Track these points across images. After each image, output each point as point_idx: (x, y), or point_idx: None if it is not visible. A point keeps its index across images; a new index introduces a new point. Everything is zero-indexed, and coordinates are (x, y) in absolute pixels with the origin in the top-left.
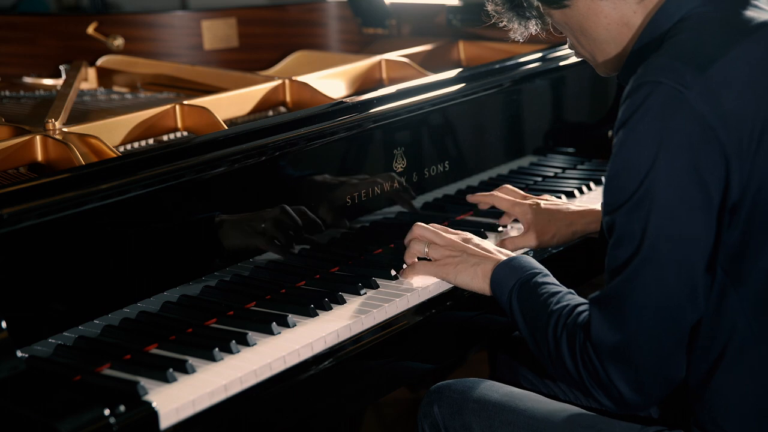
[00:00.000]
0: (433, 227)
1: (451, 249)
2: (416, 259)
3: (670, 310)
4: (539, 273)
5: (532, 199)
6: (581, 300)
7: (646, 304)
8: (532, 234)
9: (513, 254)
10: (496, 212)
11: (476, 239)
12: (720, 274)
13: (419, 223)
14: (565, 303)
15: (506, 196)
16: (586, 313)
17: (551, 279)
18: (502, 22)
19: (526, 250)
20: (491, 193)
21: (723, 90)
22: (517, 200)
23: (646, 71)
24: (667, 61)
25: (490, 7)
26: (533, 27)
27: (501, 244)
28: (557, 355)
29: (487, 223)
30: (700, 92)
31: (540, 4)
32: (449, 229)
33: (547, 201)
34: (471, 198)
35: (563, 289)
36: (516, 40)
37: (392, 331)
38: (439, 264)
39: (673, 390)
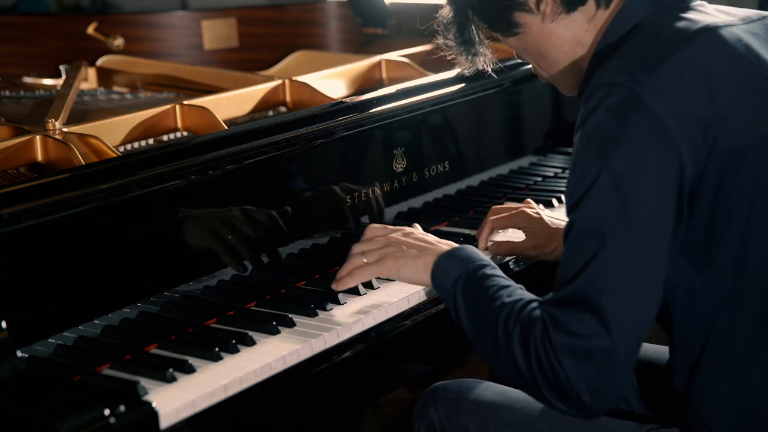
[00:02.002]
0: (367, 233)
1: (388, 246)
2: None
3: (634, 314)
4: (487, 265)
5: (529, 206)
6: (533, 296)
7: (611, 308)
8: (532, 243)
9: (455, 245)
10: (476, 220)
11: (418, 232)
12: (689, 270)
13: (354, 244)
14: (518, 297)
15: (498, 215)
16: (540, 311)
17: (499, 272)
18: (449, 55)
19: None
20: (484, 221)
21: (673, 88)
22: (512, 212)
23: (602, 75)
24: (619, 64)
25: (440, 40)
26: (481, 63)
27: (497, 247)
28: (507, 350)
29: (464, 233)
30: (653, 90)
31: (496, 34)
32: (389, 227)
33: (546, 213)
34: (481, 246)
35: (513, 283)
36: (463, 73)
37: (392, 331)
38: (377, 263)
39: (621, 398)
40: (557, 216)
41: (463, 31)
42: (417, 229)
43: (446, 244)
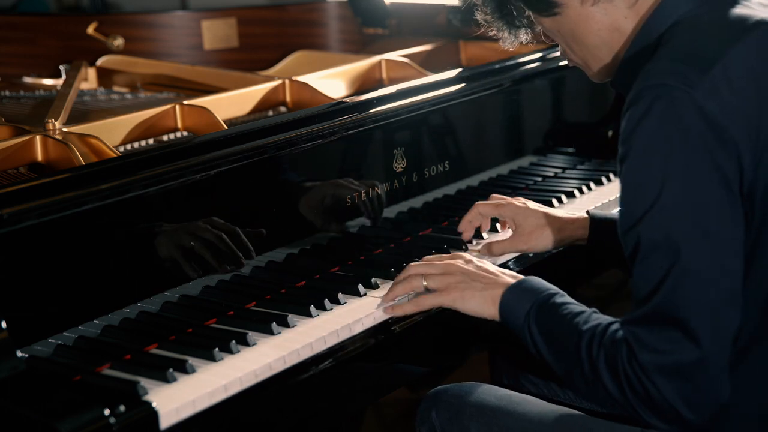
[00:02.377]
0: (425, 259)
1: (451, 275)
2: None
3: (720, 324)
4: (556, 293)
5: (517, 199)
6: (611, 318)
7: (697, 321)
8: (521, 236)
9: (520, 276)
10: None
11: (475, 260)
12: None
13: (411, 264)
14: (595, 322)
15: (489, 202)
16: (621, 331)
17: (569, 299)
18: (491, 31)
19: (516, 255)
20: (474, 205)
21: (726, 89)
22: (500, 202)
23: (648, 76)
24: (668, 65)
25: (479, 16)
26: (523, 36)
27: (488, 248)
28: (594, 377)
29: (449, 238)
30: (706, 92)
31: (530, 13)
32: (442, 255)
33: (532, 203)
34: (461, 228)
35: (585, 308)
36: (507, 48)
37: (393, 332)
38: (443, 293)
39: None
40: (536, 204)
41: (502, 7)
42: (473, 257)
43: (510, 276)
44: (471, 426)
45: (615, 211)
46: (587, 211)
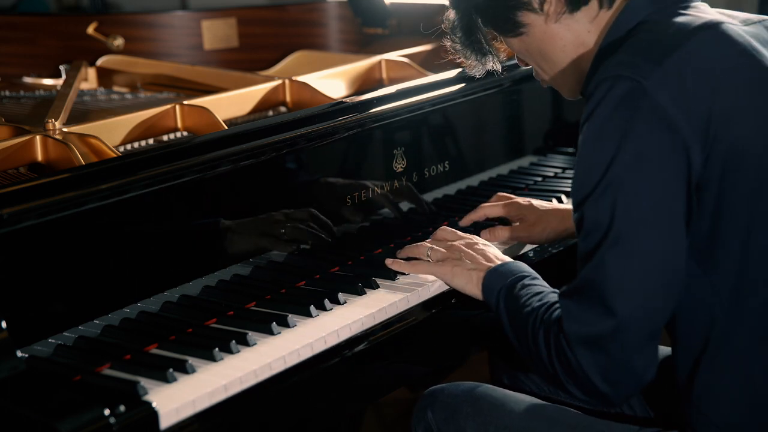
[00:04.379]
0: (440, 234)
1: (451, 251)
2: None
3: (640, 300)
4: (527, 276)
5: (523, 199)
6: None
7: (615, 293)
8: (523, 226)
9: (508, 260)
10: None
11: (481, 244)
12: (692, 265)
13: (444, 227)
14: (545, 301)
15: (495, 203)
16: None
17: (539, 281)
18: (458, 58)
19: (517, 243)
20: (480, 207)
21: (677, 82)
22: (509, 202)
23: (606, 68)
24: (624, 58)
25: (448, 44)
26: (490, 64)
27: (491, 233)
28: (535, 350)
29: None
30: (658, 83)
31: (499, 35)
32: (459, 233)
33: (537, 201)
34: (463, 223)
35: (547, 289)
36: (473, 76)
37: (393, 332)
38: (437, 264)
39: (644, 385)
40: (540, 202)
41: (469, 34)
42: (480, 241)
43: (498, 260)
44: (467, 425)
45: None
46: None
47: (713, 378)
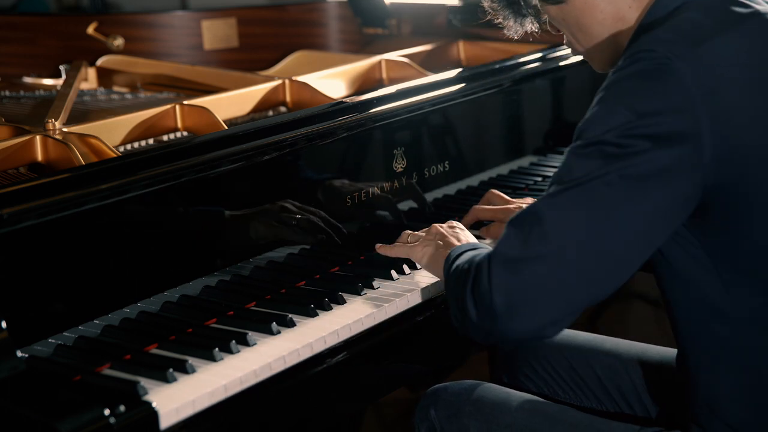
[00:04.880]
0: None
1: (428, 233)
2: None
3: (576, 254)
4: (479, 247)
5: (518, 203)
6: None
7: (559, 237)
8: None
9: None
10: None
11: (458, 228)
12: (702, 256)
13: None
14: (481, 253)
15: (486, 206)
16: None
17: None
18: (497, 18)
19: None
20: (471, 209)
21: (711, 68)
22: (501, 207)
23: (641, 43)
24: (661, 34)
25: (486, 4)
26: (529, 25)
27: (486, 231)
28: (456, 286)
29: None
30: (689, 65)
31: (537, 2)
32: (452, 221)
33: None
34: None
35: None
36: (512, 37)
37: (393, 332)
38: (411, 246)
39: (536, 338)
40: None
41: None
42: (458, 225)
43: (466, 240)
44: (470, 424)
45: None
46: None
47: (721, 375)
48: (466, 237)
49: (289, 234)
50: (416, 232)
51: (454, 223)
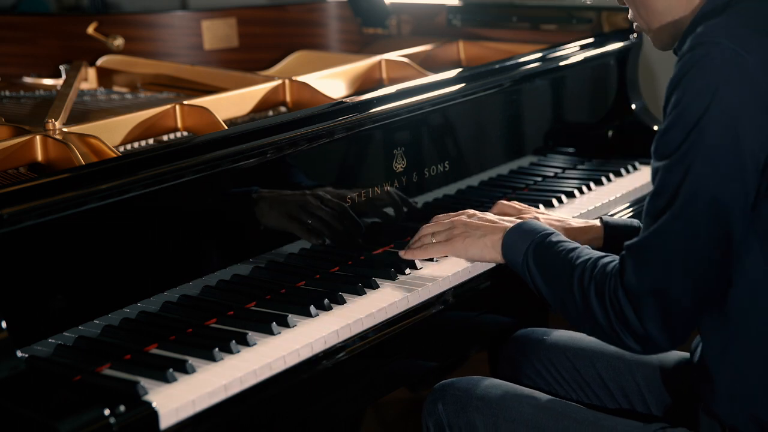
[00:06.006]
0: (434, 218)
1: (455, 228)
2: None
3: (697, 266)
4: (552, 233)
5: (531, 213)
6: (602, 253)
7: (673, 258)
8: None
9: (518, 221)
10: None
11: (478, 213)
12: (756, 246)
13: (424, 226)
14: (587, 256)
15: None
16: (614, 263)
17: (564, 238)
18: None
19: None
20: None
21: None
22: (514, 220)
23: (706, 31)
24: (729, 23)
25: None
26: None
27: None
28: (585, 305)
29: None
30: (761, 59)
31: None
32: (450, 214)
33: (545, 215)
34: None
35: (579, 245)
36: (584, 2)
37: (392, 332)
38: (447, 243)
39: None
40: (556, 215)
41: None
42: (475, 211)
43: (509, 221)
44: (476, 418)
45: (626, 216)
46: (600, 218)
47: (751, 367)
48: (494, 217)
49: (295, 228)
50: (436, 229)
51: (471, 210)
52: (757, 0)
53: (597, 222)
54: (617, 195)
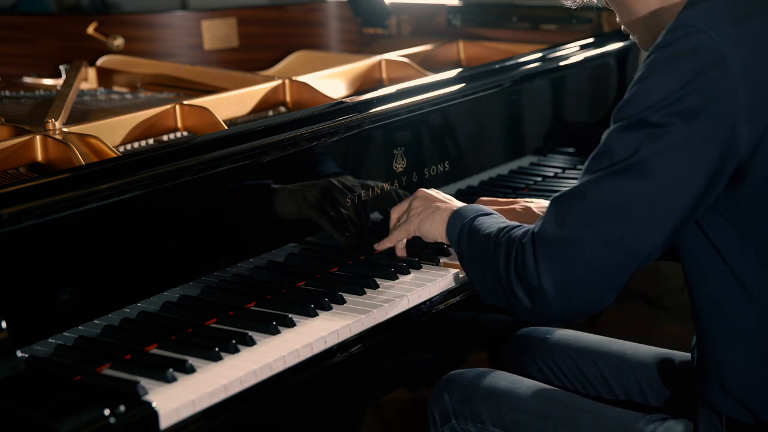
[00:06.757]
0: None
1: (411, 206)
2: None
3: (618, 232)
4: (492, 213)
5: (521, 203)
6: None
7: (598, 213)
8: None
9: (466, 204)
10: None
11: (433, 191)
12: (733, 234)
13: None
14: (508, 224)
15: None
16: (531, 227)
17: (501, 217)
18: None
19: None
20: None
21: (750, 48)
22: (502, 207)
23: (687, 16)
24: (707, 9)
25: None
26: None
27: None
28: (492, 260)
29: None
30: (732, 45)
31: None
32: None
33: (538, 205)
34: None
35: (511, 222)
36: (569, 6)
37: (392, 332)
38: (407, 221)
39: (592, 311)
40: (545, 202)
41: None
42: (433, 190)
43: (462, 204)
44: (481, 408)
45: None
46: None
47: (740, 355)
48: (449, 197)
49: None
50: (397, 214)
51: (423, 189)
52: None
53: None
54: None
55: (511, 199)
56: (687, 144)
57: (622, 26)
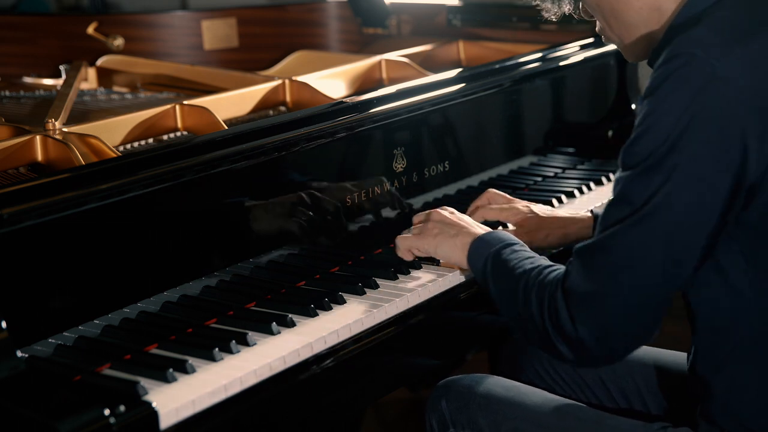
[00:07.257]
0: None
1: (429, 222)
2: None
3: (647, 277)
4: (515, 243)
5: (522, 202)
6: (553, 263)
7: (624, 264)
8: (524, 231)
9: (490, 230)
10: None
11: (458, 214)
12: (738, 259)
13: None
14: (537, 264)
15: (491, 205)
16: (559, 270)
17: (526, 248)
18: (534, 0)
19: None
20: (475, 207)
21: (753, 69)
22: (503, 206)
23: (682, 42)
24: (703, 33)
25: None
26: (566, 6)
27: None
28: (525, 309)
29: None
30: (733, 68)
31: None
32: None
33: (535, 206)
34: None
35: (537, 255)
36: (549, 18)
37: (392, 331)
38: (419, 236)
39: (637, 346)
40: (547, 206)
41: None
42: (454, 210)
43: (482, 228)
44: (479, 415)
45: None
46: (591, 210)
47: (744, 376)
48: (472, 221)
49: (295, 228)
50: (419, 216)
51: (449, 208)
52: (729, 8)
53: (588, 213)
54: None
55: (516, 199)
56: (700, 177)
57: (603, 36)
